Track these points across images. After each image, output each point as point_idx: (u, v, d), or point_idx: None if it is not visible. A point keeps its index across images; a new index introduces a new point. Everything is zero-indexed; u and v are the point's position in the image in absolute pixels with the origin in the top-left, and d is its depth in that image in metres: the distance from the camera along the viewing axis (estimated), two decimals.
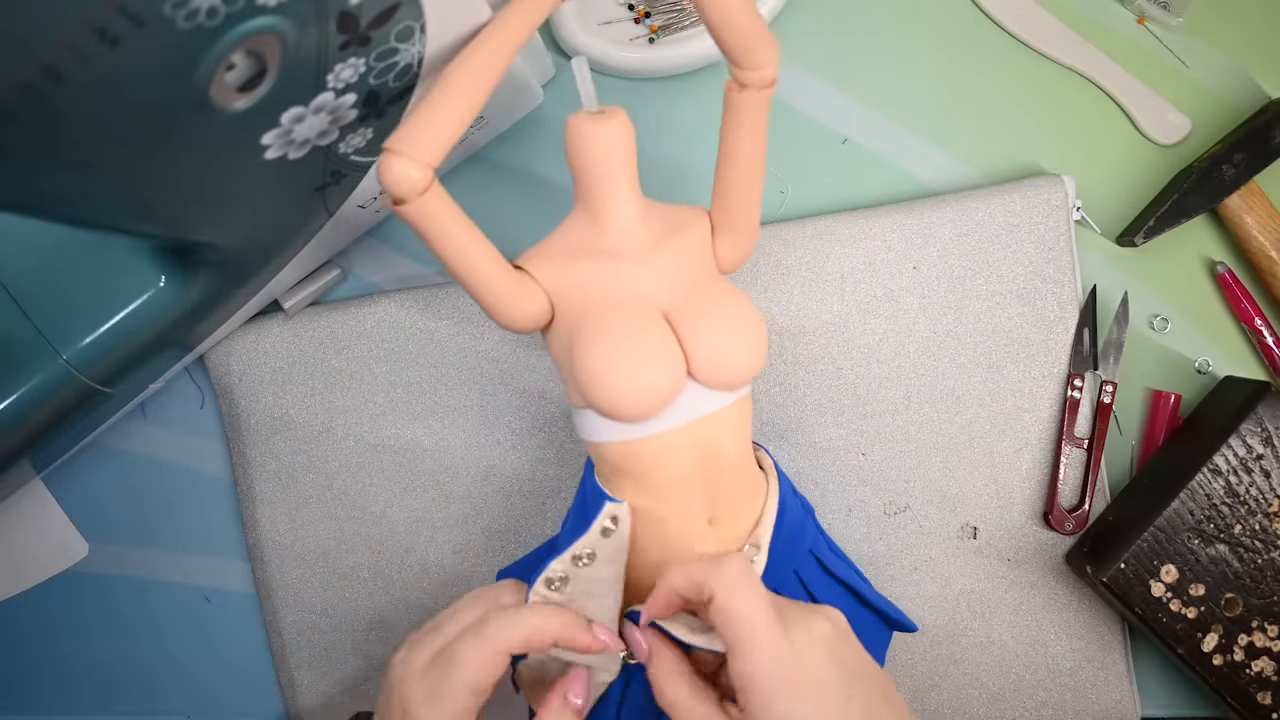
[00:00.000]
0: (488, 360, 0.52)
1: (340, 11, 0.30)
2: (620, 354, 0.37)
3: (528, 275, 0.40)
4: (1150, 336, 0.54)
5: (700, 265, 0.41)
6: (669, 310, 0.39)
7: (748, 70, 0.37)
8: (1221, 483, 0.48)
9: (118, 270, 0.42)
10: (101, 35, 0.25)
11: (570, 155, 0.39)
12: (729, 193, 0.41)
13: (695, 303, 0.39)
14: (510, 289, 0.39)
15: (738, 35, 0.36)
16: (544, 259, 0.40)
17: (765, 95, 0.38)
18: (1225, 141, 0.52)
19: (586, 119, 0.38)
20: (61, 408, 0.43)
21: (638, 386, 0.37)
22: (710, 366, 0.38)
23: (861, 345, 0.52)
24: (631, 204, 0.39)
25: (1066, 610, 0.52)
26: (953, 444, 0.52)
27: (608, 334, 0.38)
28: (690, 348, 0.38)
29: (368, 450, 0.53)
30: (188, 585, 0.55)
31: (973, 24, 0.54)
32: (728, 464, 0.40)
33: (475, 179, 0.53)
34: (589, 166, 0.38)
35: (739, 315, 0.39)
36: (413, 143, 0.34)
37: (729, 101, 0.39)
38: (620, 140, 0.38)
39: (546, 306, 0.40)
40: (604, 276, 0.39)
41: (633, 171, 0.39)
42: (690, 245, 0.41)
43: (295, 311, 0.52)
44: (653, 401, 0.38)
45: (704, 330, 0.38)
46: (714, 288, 0.40)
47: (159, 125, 0.30)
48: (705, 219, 0.42)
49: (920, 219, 0.52)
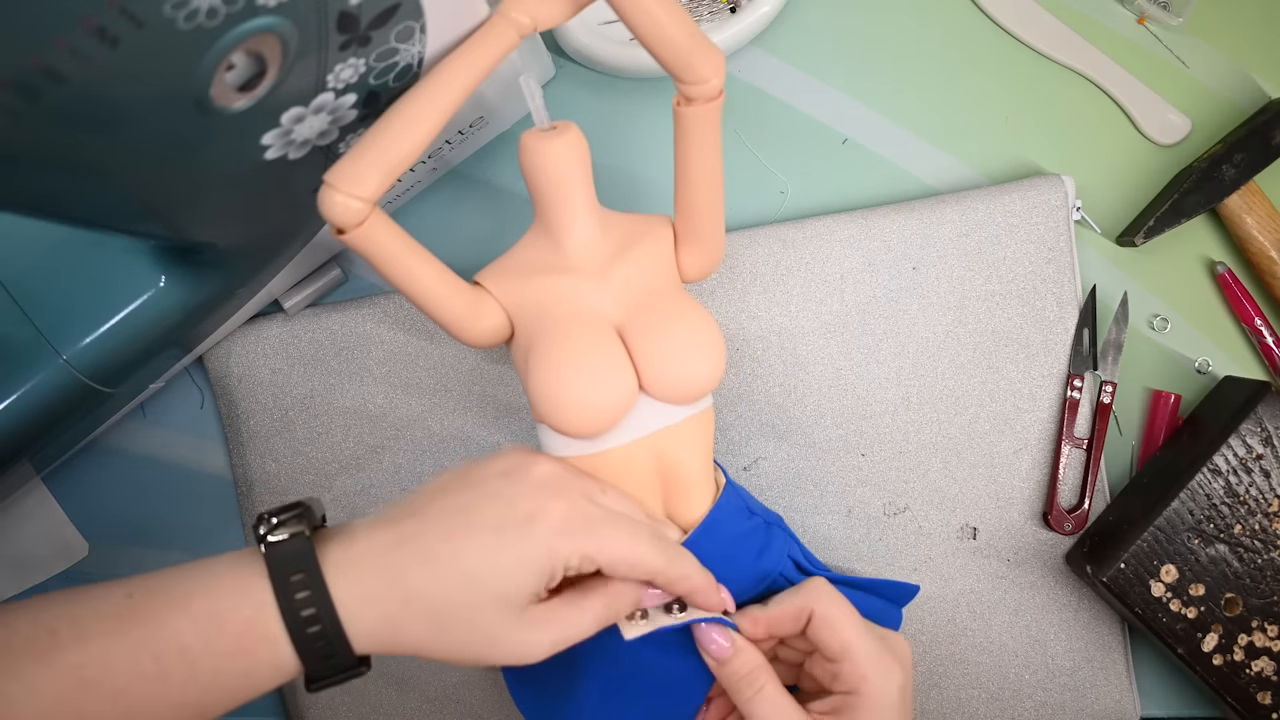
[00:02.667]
0: (487, 362, 0.52)
1: (340, 12, 0.30)
2: (569, 372, 0.38)
3: (485, 292, 0.40)
4: (1150, 336, 0.54)
5: (659, 276, 0.41)
6: (622, 324, 0.39)
7: (692, 84, 0.37)
8: (1221, 483, 0.48)
9: (118, 270, 0.42)
10: (101, 35, 0.25)
11: (525, 172, 0.39)
12: (689, 204, 0.41)
13: (649, 317, 0.39)
14: (464, 308, 0.39)
15: (677, 53, 0.36)
16: (501, 275, 0.41)
17: (714, 107, 0.38)
18: (1225, 141, 0.52)
19: (538, 136, 0.38)
20: (61, 408, 0.43)
21: (586, 404, 0.38)
22: (661, 381, 0.39)
23: (861, 345, 0.52)
24: (587, 219, 0.39)
25: (1066, 610, 0.52)
26: (952, 444, 0.52)
27: (557, 352, 0.38)
28: (641, 362, 0.39)
29: (368, 450, 0.53)
30: None
31: (973, 24, 0.54)
32: (689, 476, 0.41)
33: (476, 176, 0.53)
34: (543, 183, 0.39)
35: (692, 328, 0.39)
36: (349, 179, 0.35)
37: (678, 117, 0.38)
38: (572, 156, 0.38)
39: (504, 322, 0.41)
40: (558, 293, 0.40)
41: (588, 185, 0.39)
42: (649, 257, 0.41)
43: (295, 311, 0.52)
44: (601, 417, 0.38)
45: (656, 344, 0.39)
46: (670, 300, 0.40)
47: (159, 125, 0.30)
48: (667, 228, 0.42)
49: (920, 219, 0.52)
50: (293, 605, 0.32)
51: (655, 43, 0.36)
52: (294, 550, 0.33)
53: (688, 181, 0.40)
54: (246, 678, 0.32)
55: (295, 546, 0.33)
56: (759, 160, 0.53)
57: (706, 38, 0.36)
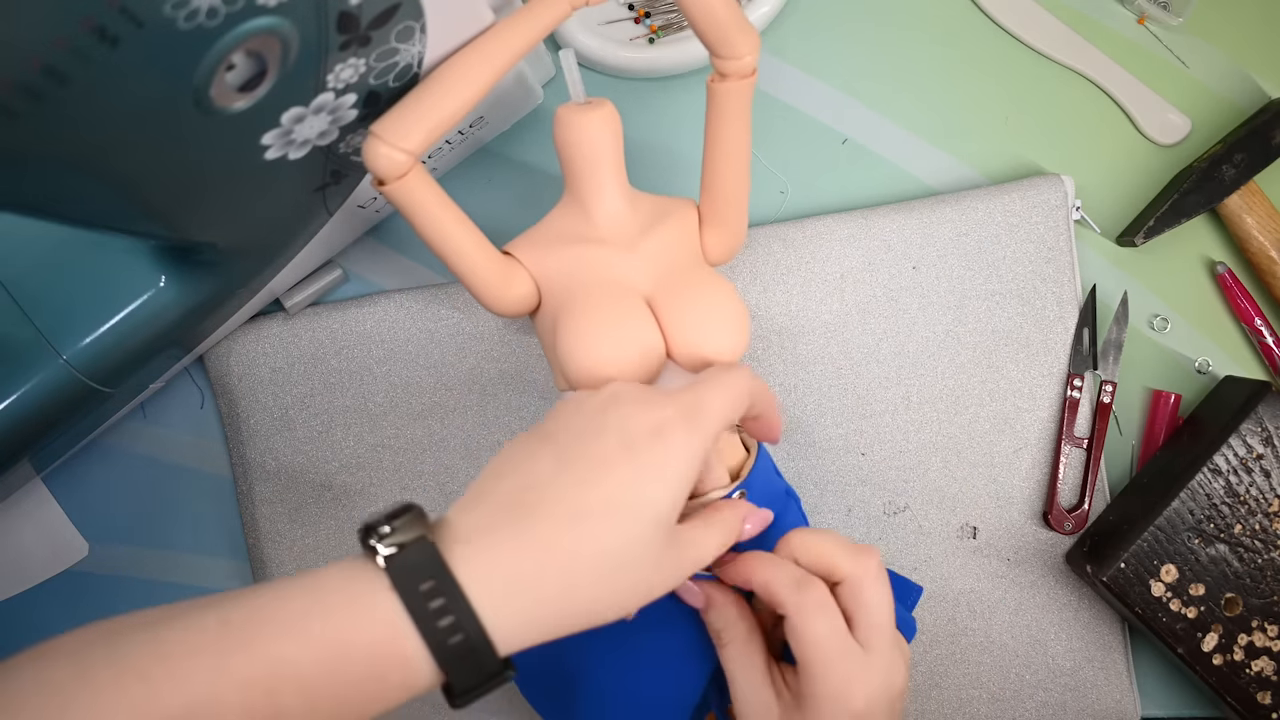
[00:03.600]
0: (488, 360, 0.52)
1: (340, 12, 0.30)
2: (599, 332, 0.38)
3: (515, 261, 0.41)
4: (1150, 336, 0.54)
5: (685, 254, 0.42)
6: (651, 295, 0.40)
7: (727, 60, 0.38)
8: (1221, 482, 0.48)
9: (118, 270, 0.42)
10: (101, 35, 0.25)
11: (558, 145, 0.40)
12: (715, 185, 0.42)
13: (676, 287, 0.40)
14: (496, 273, 0.40)
15: (717, 25, 0.37)
16: (531, 245, 0.41)
17: (747, 85, 0.39)
18: (1225, 141, 0.52)
19: (574, 109, 0.39)
20: (61, 408, 0.43)
21: (615, 362, 0.38)
22: (689, 348, 0.39)
23: (861, 345, 0.52)
24: (617, 192, 0.40)
25: (1066, 610, 0.52)
26: (952, 444, 0.52)
27: (588, 314, 0.39)
28: (670, 330, 0.39)
29: (368, 450, 0.53)
30: (188, 585, 0.55)
31: (973, 24, 0.54)
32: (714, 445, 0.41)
33: (477, 174, 0.53)
34: (576, 155, 0.40)
35: (719, 299, 0.40)
36: (395, 131, 0.36)
37: (711, 93, 0.39)
38: (606, 130, 0.39)
39: (533, 291, 0.41)
40: (588, 262, 0.40)
41: (619, 161, 0.40)
42: (675, 234, 0.42)
43: (296, 311, 0.52)
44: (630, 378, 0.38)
45: (683, 313, 0.40)
46: (697, 273, 0.41)
47: (159, 125, 0.30)
48: (693, 210, 0.43)
49: (920, 219, 0.52)
50: (428, 617, 0.29)
51: (699, 16, 0.37)
52: (419, 558, 0.30)
53: (716, 160, 0.41)
54: (373, 703, 0.29)
55: (420, 554, 0.30)
56: (759, 160, 0.53)
57: (745, 17, 0.38)
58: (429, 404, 0.53)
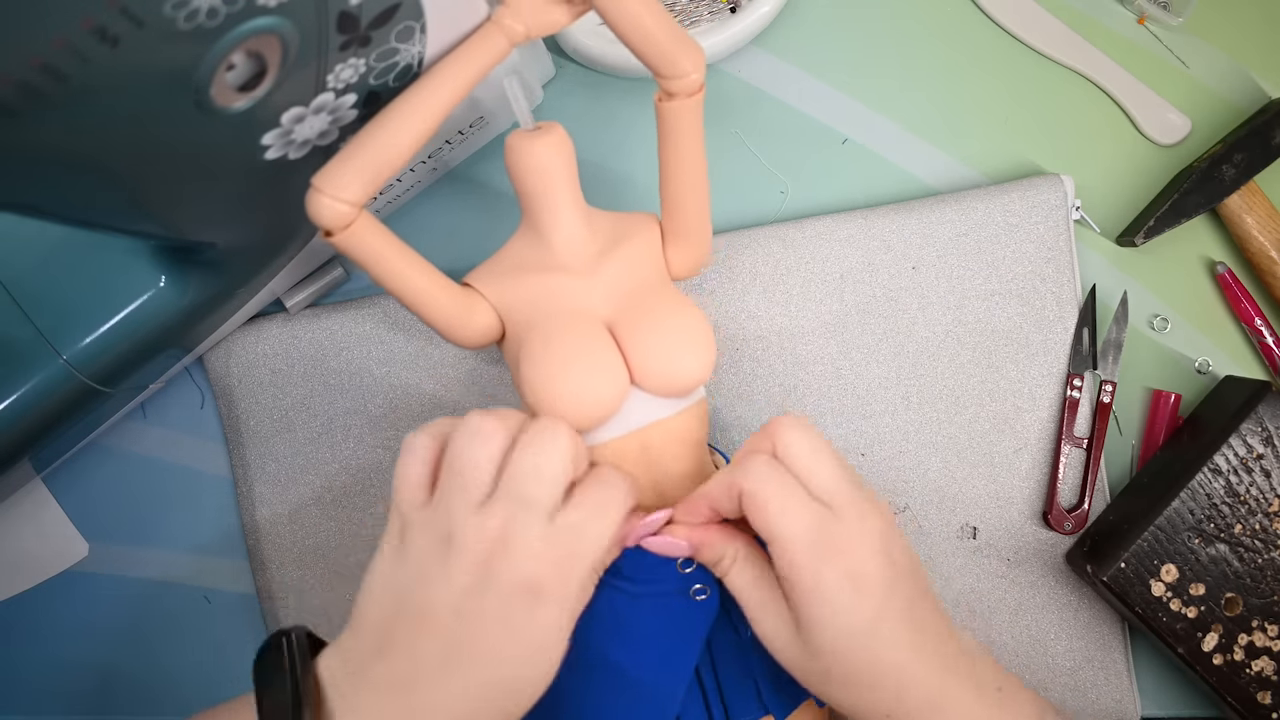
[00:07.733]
0: (487, 362, 0.52)
1: (340, 12, 0.30)
2: (560, 367, 0.38)
3: (475, 293, 0.41)
4: (1150, 336, 0.54)
5: (648, 272, 0.42)
6: (612, 320, 0.40)
7: (671, 79, 0.37)
8: (1222, 482, 0.48)
9: (118, 270, 0.42)
10: (101, 35, 0.25)
11: (511, 173, 0.39)
12: (674, 202, 0.41)
13: (638, 312, 0.40)
14: (454, 309, 0.40)
15: (655, 45, 0.36)
16: (490, 276, 0.41)
17: (695, 101, 0.38)
18: (1225, 141, 0.52)
19: (524, 136, 0.39)
20: (61, 408, 0.43)
21: (578, 398, 0.38)
22: (652, 373, 0.39)
23: (861, 345, 0.52)
24: (573, 217, 0.40)
25: (1066, 610, 0.52)
26: (952, 444, 0.52)
27: (549, 347, 0.38)
28: (632, 356, 0.39)
29: (368, 451, 0.53)
30: (188, 585, 0.55)
31: (973, 24, 0.54)
32: (679, 470, 0.41)
33: (476, 177, 0.53)
34: (529, 183, 0.39)
35: (681, 322, 0.39)
36: (335, 183, 0.35)
37: (660, 112, 0.38)
38: (557, 155, 0.39)
39: (495, 322, 0.41)
40: (548, 291, 0.40)
41: (573, 185, 0.40)
42: (637, 254, 0.41)
43: (297, 311, 0.52)
44: (594, 411, 0.38)
45: (645, 338, 0.39)
46: (659, 296, 0.41)
47: (159, 125, 0.30)
48: (655, 225, 0.42)
49: (919, 219, 0.52)
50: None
51: (637, 41, 0.36)
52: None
53: (671, 177, 0.40)
54: None
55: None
56: (759, 160, 0.54)
57: (686, 33, 0.37)
58: (429, 405, 0.53)
